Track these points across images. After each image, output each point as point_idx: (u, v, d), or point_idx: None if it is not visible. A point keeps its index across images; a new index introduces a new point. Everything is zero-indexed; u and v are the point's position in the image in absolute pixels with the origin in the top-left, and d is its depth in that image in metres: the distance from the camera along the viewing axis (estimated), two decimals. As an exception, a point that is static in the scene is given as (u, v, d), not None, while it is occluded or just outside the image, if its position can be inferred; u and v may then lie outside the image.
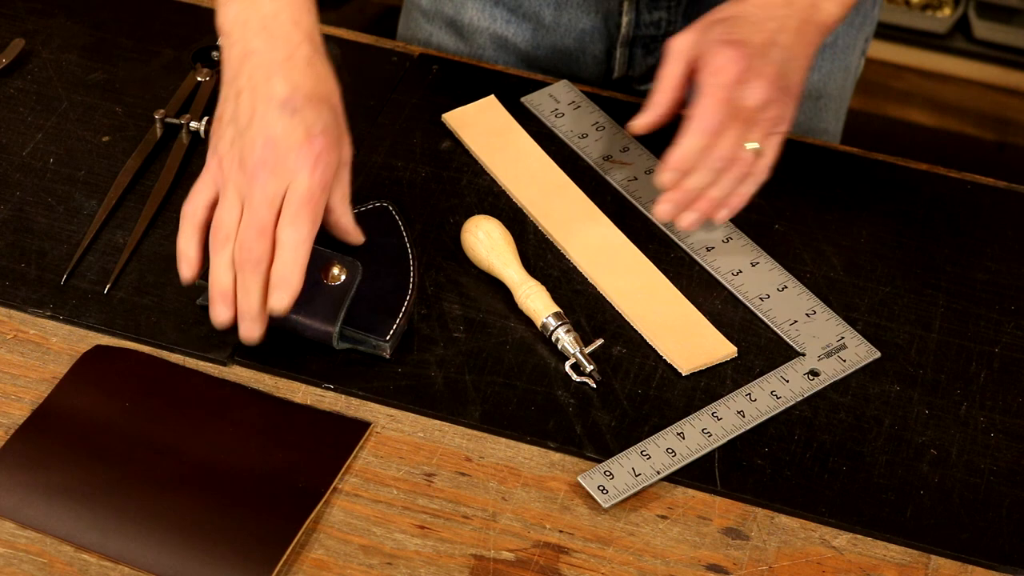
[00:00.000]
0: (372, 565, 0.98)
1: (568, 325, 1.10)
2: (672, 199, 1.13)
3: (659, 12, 1.33)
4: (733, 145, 1.11)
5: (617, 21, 1.34)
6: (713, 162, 1.11)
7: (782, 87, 1.11)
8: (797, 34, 1.13)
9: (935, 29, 2.44)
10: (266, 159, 1.05)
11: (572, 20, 1.35)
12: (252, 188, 1.05)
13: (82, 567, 0.97)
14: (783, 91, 1.11)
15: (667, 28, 1.34)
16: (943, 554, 1.01)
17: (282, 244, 1.05)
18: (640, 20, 1.33)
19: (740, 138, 1.11)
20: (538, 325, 1.11)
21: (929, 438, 1.07)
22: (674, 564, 0.99)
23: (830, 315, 1.14)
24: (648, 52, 1.36)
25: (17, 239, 1.16)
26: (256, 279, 1.05)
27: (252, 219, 1.05)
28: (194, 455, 1.03)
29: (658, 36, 1.34)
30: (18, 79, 1.29)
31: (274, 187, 1.05)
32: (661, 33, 1.34)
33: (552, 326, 1.10)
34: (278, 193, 1.05)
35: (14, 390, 1.07)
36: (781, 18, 1.13)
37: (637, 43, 1.36)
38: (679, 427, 1.06)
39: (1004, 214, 1.24)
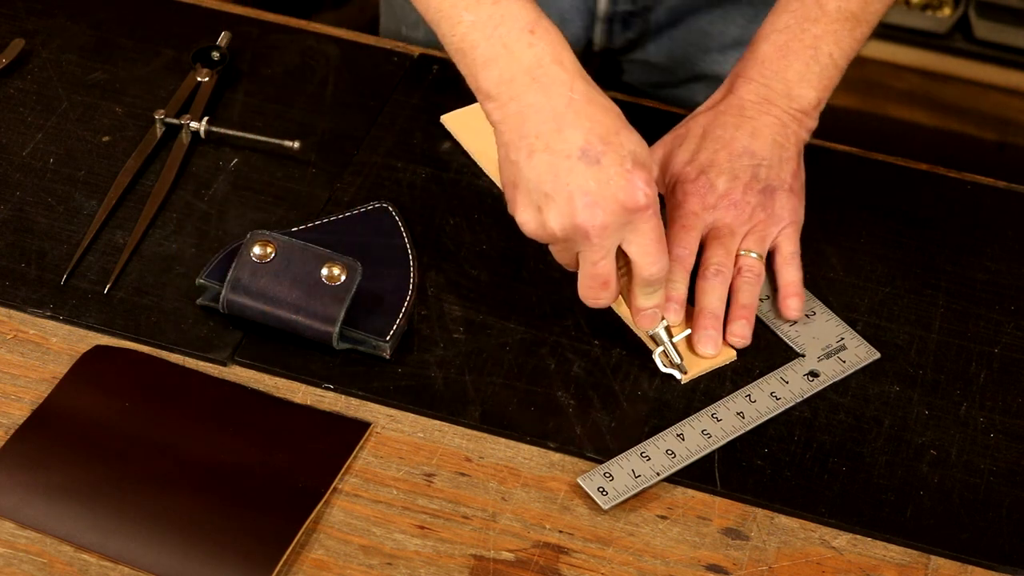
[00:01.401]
0: (372, 565, 0.98)
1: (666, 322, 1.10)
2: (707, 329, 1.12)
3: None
4: (724, 256, 1.13)
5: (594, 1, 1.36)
6: (711, 274, 1.12)
7: (759, 191, 1.14)
8: (772, 134, 1.15)
9: (935, 29, 2.44)
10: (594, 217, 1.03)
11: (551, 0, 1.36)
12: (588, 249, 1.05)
13: (82, 567, 0.97)
14: (762, 195, 1.14)
15: (643, 3, 1.36)
16: (943, 554, 1.01)
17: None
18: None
19: (728, 249, 1.13)
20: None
21: (929, 438, 1.07)
22: (674, 564, 0.99)
23: (830, 316, 1.14)
24: (626, 27, 1.38)
25: (17, 239, 1.16)
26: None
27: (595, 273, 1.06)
28: (194, 455, 1.03)
29: (635, 11, 1.37)
30: (18, 79, 1.29)
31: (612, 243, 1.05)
32: (638, 8, 1.36)
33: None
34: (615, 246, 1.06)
35: (14, 390, 1.07)
36: (754, 119, 1.15)
37: (616, 19, 1.38)
38: (679, 428, 1.06)
39: (1004, 214, 1.24)
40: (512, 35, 1.05)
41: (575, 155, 1.03)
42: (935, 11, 2.45)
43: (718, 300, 1.12)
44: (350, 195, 1.21)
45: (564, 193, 1.03)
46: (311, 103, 1.29)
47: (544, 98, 1.04)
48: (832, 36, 1.17)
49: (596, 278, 1.06)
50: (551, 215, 1.04)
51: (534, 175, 1.04)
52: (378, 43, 1.35)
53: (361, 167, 1.23)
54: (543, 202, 1.04)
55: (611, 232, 1.04)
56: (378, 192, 1.21)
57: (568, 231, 1.04)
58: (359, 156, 1.24)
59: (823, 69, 1.17)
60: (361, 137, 1.26)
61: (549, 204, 1.04)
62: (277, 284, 1.09)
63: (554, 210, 1.03)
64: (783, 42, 1.17)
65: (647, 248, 1.05)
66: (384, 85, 1.30)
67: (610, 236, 1.04)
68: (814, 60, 1.16)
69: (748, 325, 1.12)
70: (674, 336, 1.10)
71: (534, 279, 1.15)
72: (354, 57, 1.33)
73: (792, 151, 1.16)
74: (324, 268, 1.09)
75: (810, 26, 1.17)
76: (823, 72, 1.17)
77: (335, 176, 1.23)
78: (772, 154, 1.15)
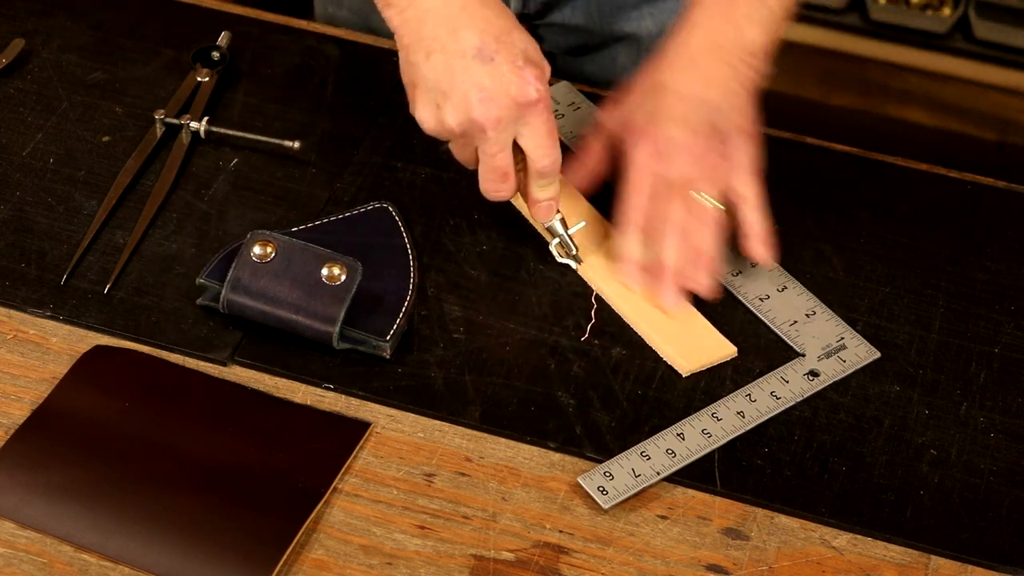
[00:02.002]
0: (372, 565, 0.98)
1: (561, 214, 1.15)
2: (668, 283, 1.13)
3: None
4: (683, 212, 1.13)
5: None
6: (672, 232, 1.13)
7: (715, 138, 1.14)
8: (725, 81, 1.15)
9: (935, 29, 2.44)
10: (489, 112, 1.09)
11: None
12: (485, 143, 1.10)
13: (82, 567, 0.97)
14: (718, 141, 1.14)
15: None
16: (943, 554, 1.01)
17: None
18: None
19: (687, 203, 1.13)
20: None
21: (929, 438, 1.07)
22: (674, 564, 0.99)
23: (830, 315, 1.14)
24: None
25: (17, 239, 1.16)
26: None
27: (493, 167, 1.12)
28: (194, 455, 1.03)
29: None
30: (18, 79, 1.29)
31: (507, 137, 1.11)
32: None
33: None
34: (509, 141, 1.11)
35: (14, 390, 1.07)
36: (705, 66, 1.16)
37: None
38: (679, 428, 1.06)
39: (1004, 214, 1.24)
40: None
41: (470, 54, 1.09)
42: (935, 11, 2.45)
43: (678, 254, 1.13)
44: (350, 195, 1.21)
45: (460, 91, 1.09)
46: (311, 103, 1.29)
47: (440, 3, 1.10)
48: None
49: (495, 171, 1.12)
50: (448, 112, 1.10)
51: (432, 75, 1.10)
52: (378, 43, 1.35)
53: (361, 167, 1.23)
54: (441, 100, 1.10)
55: (505, 126, 1.10)
56: (378, 192, 1.21)
57: (465, 126, 1.10)
58: (359, 156, 1.24)
59: (770, 12, 1.17)
60: (361, 137, 1.26)
61: (446, 101, 1.10)
62: (277, 284, 1.09)
63: (451, 107, 1.09)
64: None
65: (540, 141, 1.11)
66: (384, 85, 1.30)
67: (505, 130, 1.10)
68: (760, 3, 1.17)
69: (710, 274, 1.13)
70: (569, 228, 1.15)
71: (534, 279, 1.16)
72: (354, 57, 1.33)
73: (745, 96, 1.16)
74: (324, 268, 1.09)
75: None
76: (770, 15, 1.17)
77: (335, 176, 1.23)
78: (726, 101, 1.15)
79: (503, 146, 1.11)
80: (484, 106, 1.08)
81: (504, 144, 1.11)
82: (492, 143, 1.10)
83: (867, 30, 2.41)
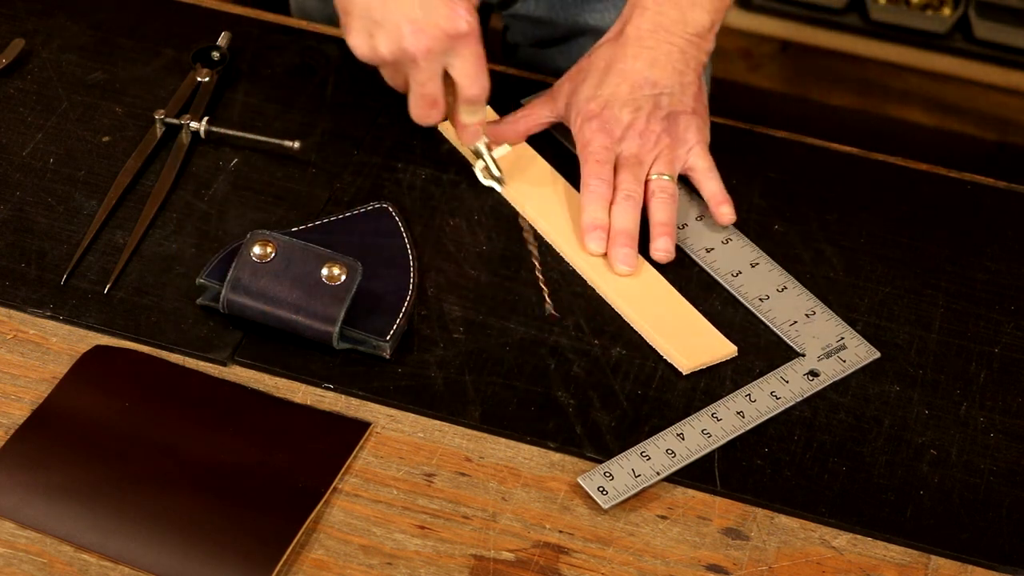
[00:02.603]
0: (372, 565, 0.98)
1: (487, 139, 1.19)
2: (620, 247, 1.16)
3: None
4: (633, 182, 1.18)
5: None
6: (622, 198, 1.17)
7: (662, 119, 1.19)
8: (670, 61, 1.20)
9: (935, 29, 2.44)
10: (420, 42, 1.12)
11: None
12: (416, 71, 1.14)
13: (82, 567, 0.97)
14: (666, 121, 1.19)
15: None
16: (943, 554, 1.01)
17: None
18: None
19: (637, 176, 1.18)
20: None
21: (929, 438, 1.07)
22: (674, 564, 0.99)
23: (830, 315, 1.14)
24: None
25: (17, 239, 1.16)
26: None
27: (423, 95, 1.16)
28: (194, 455, 1.03)
29: None
30: (18, 79, 1.30)
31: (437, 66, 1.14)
32: None
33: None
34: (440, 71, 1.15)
35: (14, 390, 1.07)
36: (652, 48, 1.20)
37: None
38: (679, 428, 1.06)
39: (1004, 214, 1.24)
40: None
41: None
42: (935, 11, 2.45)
43: (630, 221, 1.17)
44: (350, 195, 1.21)
45: (392, 20, 1.13)
46: (311, 103, 1.29)
47: None
48: None
49: (424, 98, 1.16)
50: (381, 40, 1.14)
51: (365, 4, 1.13)
52: (378, 43, 1.35)
53: (361, 167, 1.23)
54: (374, 28, 1.14)
55: (435, 56, 1.13)
56: (378, 192, 1.21)
57: (396, 55, 1.14)
58: (359, 156, 1.24)
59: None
60: (361, 137, 1.26)
61: (379, 30, 1.14)
62: (277, 284, 1.09)
63: (383, 36, 1.13)
64: None
65: (468, 71, 1.15)
66: (384, 85, 1.30)
67: (435, 60, 1.14)
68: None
69: (671, 240, 1.17)
70: (493, 151, 1.19)
71: (534, 279, 1.16)
72: (354, 57, 1.33)
73: (692, 76, 1.21)
74: (324, 268, 1.09)
75: None
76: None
77: (335, 176, 1.23)
78: (672, 81, 1.19)
79: (433, 75, 1.15)
80: (415, 37, 1.12)
81: (434, 73, 1.15)
82: (423, 72, 1.14)
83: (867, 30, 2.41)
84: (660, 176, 1.18)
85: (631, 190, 1.17)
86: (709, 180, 1.20)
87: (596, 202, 1.17)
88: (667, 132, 1.19)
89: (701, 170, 1.20)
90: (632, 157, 1.18)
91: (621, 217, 1.17)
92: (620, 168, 1.18)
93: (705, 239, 1.19)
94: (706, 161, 1.20)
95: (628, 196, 1.17)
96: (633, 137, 1.19)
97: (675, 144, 1.19)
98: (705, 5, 1.20)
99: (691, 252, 1.18)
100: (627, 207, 1.17)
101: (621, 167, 1.18)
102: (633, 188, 1.17)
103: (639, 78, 1.19)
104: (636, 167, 1.18)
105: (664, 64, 1.20)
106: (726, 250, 1.18)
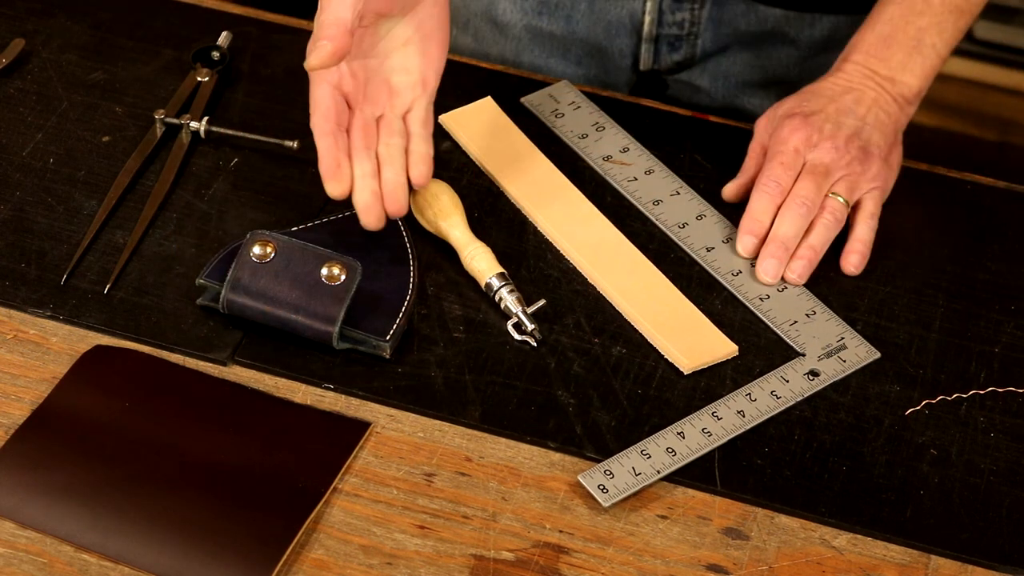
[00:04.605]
0: (372, 565, 0.98)
1: (511, 286, 1.12)
2: (771, 253, 1.15)
3: (682, 13, 1.35)
4: (814, 191, 1.15)
5: (640, 19, 1.36)
6: (795, 204, 1.15)
7: (859, 147, 1.17)
8: (875, 104, 1.19)
9: (935, 29, 2.44)
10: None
11: (601, 12, 1.37)
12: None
13: (82, 567, 0.97)
14: (861, 151, 1.17)
15: (690, 28, 1.36)
16: (943, 554, 1.01)
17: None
18: (663, 20, 1.36)
19: (819, 187, 1.16)
20: (482, 286, 1.13)
21: (929, 438, 1.07)
22: (674, 564, 0.99)
23: (830, 315, 1.14)
24: (673, 49, 1.38)
25: (17, 239, 1.16)
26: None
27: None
28: (194, 455, 1.03)
29: (681, 36, 1.37)
30: (18, 79, 1.29)
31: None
32: (684, 33, 1.37)
33: (496, 286, 1.12)
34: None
35: (14, 390, 1.07)
36: (859, 89, 1.20)
37: (662, 40, 1.38)
38: (679, 427, 1.06)
39: (1004, 214, 1.24)
40: None
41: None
42: (935, 11, 2.45)
43: (794, 231, 1.15)
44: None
45: None
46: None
47: None
48: (936, 28, 1.20)
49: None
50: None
51: None
52: (378, 43, 1.35)
53: (361, 167, 1.23)
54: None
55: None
56: (378, 192, 1.21)
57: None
58: (359, 156, 1.24)
59: (925, 59, 1.20)
60: (361, 137, 1.26)
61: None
62: (277, 284, 1.09)
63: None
64: (887, 33, 1.21)
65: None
66: (384, 85, 1.30)
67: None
68: (916, 51, 1.20)
69: (809, 266, 1.15)
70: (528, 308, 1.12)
71: (534, 279, 1.16)
72: (354, 57, 1.33)
73: (891, 127, 1.20)
74: (324, 268, 1.09)
75: (915, 19, 1.20)
76: (925, 62, 1.20)
77: (335, 176, 1.22)
78: (874, 119, 1.19)
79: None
80: None
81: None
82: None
83: (867, 30, 2.41)
84: (836, 197, 1.16)
85: (809, 197, 1.15)
86: (866, 224, 1.17)
87: (764, 202, 1.15)
88: (860, 161, 1.17)
89: (866, 212, 1.18)
90: (821, 166, 1.16)
91: (787, 223, 1.14)
92: (805, 174, 1.16)
93: (705, 238, 1.19)
94: (875, 207, 1.18)
95: (803, 203, 1.15)
96: (829, 149, 1.16)
97: (863, 175, 1.17)
98: (915, 71, 1.19)
99: (691, 251, 1.18)
100: (797, 215, 1.15)
101: (805, 174, 1.16)
102: (812, 197, 1.15)
103: (844, 105, 1.18)
104: (822, 177, 1.16)
105: (867, 103, 1.19)
106: (726, 249, 1.18)
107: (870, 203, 1.18)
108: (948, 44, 1.21)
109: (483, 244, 1.15)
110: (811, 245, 1.15)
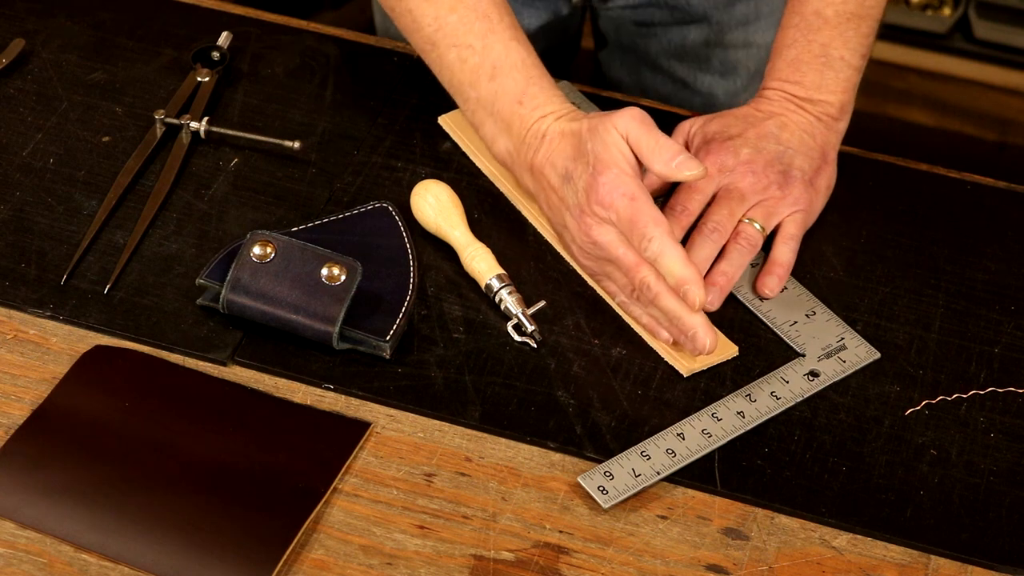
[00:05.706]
0: (372, 565, 0.98)
1: (512, 287, 1.12)
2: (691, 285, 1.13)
3: None
4: (726, 217, 1.15)
5: None
6: (707, 230, 1.14)
7: (779, 172, 1.16)
8: (799, 128, 1.18)
9: (935, 29, 2.44)
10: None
11: None
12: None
13: (82, 567, 0.97)
14: (781, 176, 1.16)
15: None
16: (943, 554, 1.01)
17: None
18: None
19: (732, 212, 1.15)
20: (482, 287, 1.13)
21: (929, 438, 1.07)
22: (674, 564, 0.99)
23: (830, 316, 1.14)
24: None
25: (17, 239, 1.16)
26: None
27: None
28: (194, 455, 1.03)
29: None
30: (18, 79, 1.29)
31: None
32: None
33: (496, 287, 1.12)
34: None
35: (14, 390, 1.07)
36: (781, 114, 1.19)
37: None
38: (679, 428, 1.06)
39: (1004, 214, 1.24)
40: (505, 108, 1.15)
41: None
42: (935, 11, 2.45)
43: (704, 255, 1.14)
44: (350, 195, 1.21)
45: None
46: (311, 103, 1.29)
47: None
48: (839, 39, 1.20)
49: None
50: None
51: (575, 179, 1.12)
52: (378, 43, 1.35)
53: (361, 167, 1.23)
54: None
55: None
56: (378, 192, 1.21)
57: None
58: (359, 156, 1.24)
59: (838, 73, 1.20)
60: (361, 137, 1.26)
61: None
62: (277, 284, 1.09)
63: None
64: (793, 56, 1.20)
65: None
66: (384, 85, 1.30)
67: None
68: (827, 67, 1.19)
69: (721, 294, 1.14)
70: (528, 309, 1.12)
71: (534, 279, 1.16)
72: (354, 57, 1.33)
73: (818, 150, 1.19)
74: (324, 268, 1.09)
75: (815, 36, 1.20)
76: (838, 76, 1.20)
77: (335, 176, 1.23)
78: (799, 144, 1.18)
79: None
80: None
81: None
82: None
83: (867, 30, 2.41)
84: (752, 223, 1.15)
85: (720, 224, 1.14)
86: (786, 246, 1.16)
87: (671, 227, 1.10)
88: (779, 186, 1.16)
89: (786, 234, 1.16)
90: (735, 191, 1.15)
91: (697, 251, 1.14)
92: (718, 199, 1.16)
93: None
94: (797, 230, 1.16)
95: (714, 230, 1.14)
96: (745, 173, 1.16)
97: (782, 200, 1.16)
98: (830, 87, 1.19)
99: (691, 252, 1.18)
100: (708, 241, 1.14)
101: (720, 199, 1.16)
102: (723, 223, 1.14)
103: (766, 131, 1.18)
104: (736, 203, 1.15)
105: (792, 129, 1.18)
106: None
107: (791, 226, 1.16)
108: (857, 52, 1.20)
109: (483, 245, 1.15)
110: (723, 271, 1.14)
